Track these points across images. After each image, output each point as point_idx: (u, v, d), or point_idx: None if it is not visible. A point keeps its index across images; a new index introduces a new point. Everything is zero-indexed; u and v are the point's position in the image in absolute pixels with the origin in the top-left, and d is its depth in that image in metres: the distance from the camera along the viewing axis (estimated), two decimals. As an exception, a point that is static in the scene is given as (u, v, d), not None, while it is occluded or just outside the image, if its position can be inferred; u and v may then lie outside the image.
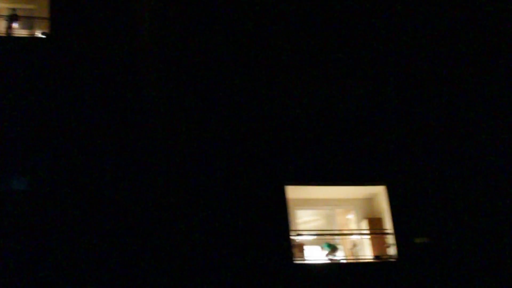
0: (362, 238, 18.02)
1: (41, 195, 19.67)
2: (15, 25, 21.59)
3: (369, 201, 18.34)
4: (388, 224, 17.60)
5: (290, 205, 17.00)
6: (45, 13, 21.66)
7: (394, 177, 17.81)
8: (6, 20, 21.45)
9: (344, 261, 17.58)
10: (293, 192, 17.13)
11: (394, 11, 19.50)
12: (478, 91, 19.14)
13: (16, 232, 19.08)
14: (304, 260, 17.04)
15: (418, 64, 19.10)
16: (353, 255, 17.89)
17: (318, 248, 17.69)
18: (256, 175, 16.73)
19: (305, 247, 17.36)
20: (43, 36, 21.41)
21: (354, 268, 17.30)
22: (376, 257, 17.48)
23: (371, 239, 17.83)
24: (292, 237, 16.70)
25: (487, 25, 19.94)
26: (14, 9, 21.63)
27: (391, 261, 17.25)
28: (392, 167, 17.90)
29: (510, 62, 19.55)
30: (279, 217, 16.61)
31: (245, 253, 16.12)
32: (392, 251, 17.35)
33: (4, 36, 21.32)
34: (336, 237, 17.82)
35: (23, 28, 22.04)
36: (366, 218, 18.08)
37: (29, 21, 22.11)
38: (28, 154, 20.01)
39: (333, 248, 17.44)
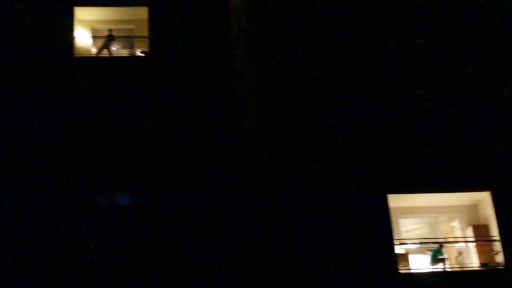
0: (467, 246, 17.64)
1: (143, 210, 20.33)
2: (113, 45, 22.35)
3: (474, 207, 17.91)
4: (494, 231, 17.16)
5: (393, 214, 16.85)
6: (144, 32, 22.41)
7: (499, 183, 17.32)
8: (105, 41, 22.25)
9: (450, 270, 17.27)
10: (396, 200, 16.98)
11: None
12: None
13: (119, 247, 19.79)
14: (409, 269, 16.87)
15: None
16: (458, 263, 17.56)
17: (422, 257, 17.47)
18: (358, 184, 16.68)
19: (409, 256, 17.18)
20: (142, 55, 22.09)
21: (461, 277, 16.95)
22: (482, 264, 17.06)
23: (477, 246, 17.41)
24: (396, 247, 16.55)
25: None
26: (110, 30, 22.40)
27: (499, 269, 16.80)
28: (496, 172, 17.40)
29: None
30: (382, 226, 16.48)
31: (348, 263, 16.10)
32: (499, 258, 16.91)
33: (105, 57, 22.17)
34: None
35: (124, 47, 22.81)
36: (471, 225, 17.69)
37: (129, 40, 22.88)
38: (132, 171, 20.70)
39: (436, 257, 17.18)
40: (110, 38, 22.24)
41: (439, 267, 17.11)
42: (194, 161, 20.74)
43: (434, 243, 17.41)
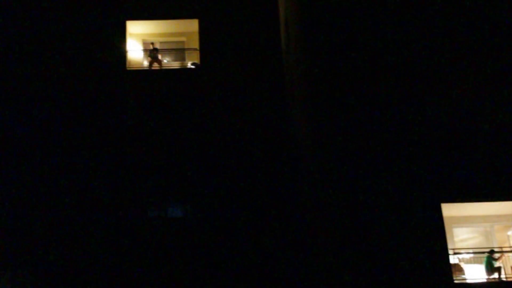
0: (523, 255, 17.34)
1: (194, 222, 20.54)
2: (159, 56, 22.63)
3: (530, 216, 17.61)
4: (552, 240, 16.83)
5: (447, 223, 16.64)
6: (195, 44, 22.67)
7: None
8: (151, 54, 22.55)
9: (506, 280, 16.93)
10: (449, 209, 16.78)
11: None
12: None
13: (169, 256, 20.01)
14: (464, 279, 16.63)
15: None
16: (515, 274, 17.25)
17: (477, 266, 17.19)
18: (412, 193, 16.52)
19: (464, 266, 16.94)
20: (193, 67, 22.33)
21: (517, 287, 16.68)
22: (540, 274, 16.74)
23: (534, 256, 17.12)
24: (450, 256, 16.33)
25: None
26: (153, 43, 22.64)
27: (557, 279, 16.46)
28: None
29: None
30: (436, 235, 16.27)
31: (402, 273, 15.95)
32: (557, 268, 16.57)
33: (156, 69, 22.48)
34: (496, 254, 17.17)
35: (175, 60, 23.11)
36: (527, 234, 17.41)
37: (181, 53, 23.17)
38: (183, 182, 20.93)
39: (491, 267, 16.88)
40: (154, 51, 22.52)
41: (494, 277, 16.81)
42: (244, 171, 20.87)
43: (489, 252, 17.11)
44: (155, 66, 22.58)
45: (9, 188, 20.51)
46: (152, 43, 22.59)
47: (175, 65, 22.94)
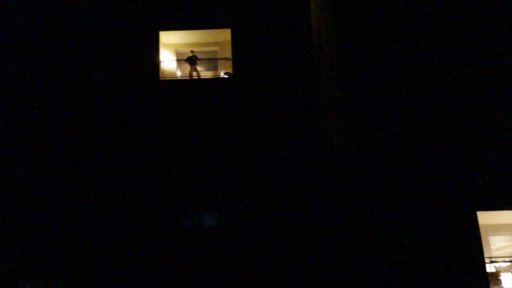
0: (562, 265, 17.09)
1: (227, 231, 20.59)
2: (197, 66, 22.81)
3: None
4: None
5: (483, 231, 16.48)
6: (228, 53, 22.81)
7: None
8: (189, 61, 22.75)
9: (544, 289, 16.75)
10: (485, 217, 16.62)
11: None
12: None
13: (203, 265, 20.08)
14: (502, 288, 16.49)
15: None
16: (553, 283, 17.01)
17: (514, 275, 17.03)
18: (447, 201, 16.41)
19: (501, 275, 16.76)
20: (226, 76, 22.46)
21: (556, 297, 16.44)
22: None
23: None
24: (487, 265, 16.16)
25: None
26: (192, 51, 22.85)
27: None
28: None
29: None
30: (471, 244, 16.14)
31: (438, 282, 15.84)
32: None
33: (189, 79, 22.65)
34: (533, 263, 17.01)
35: (208, 69, 23.26)
36: None
37: (213, 62, 23.33)
38: (217, 190, 21.02)
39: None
40: (194, 58, 22.70)
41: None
42: (279, 180, 20.89)
43: (521, 260, 16.98)
44: (195, 75, 22.74)
45: (44, 196, 20.82)
46: (192, 51, 22.81)
47: (208, 74, 23.09)
